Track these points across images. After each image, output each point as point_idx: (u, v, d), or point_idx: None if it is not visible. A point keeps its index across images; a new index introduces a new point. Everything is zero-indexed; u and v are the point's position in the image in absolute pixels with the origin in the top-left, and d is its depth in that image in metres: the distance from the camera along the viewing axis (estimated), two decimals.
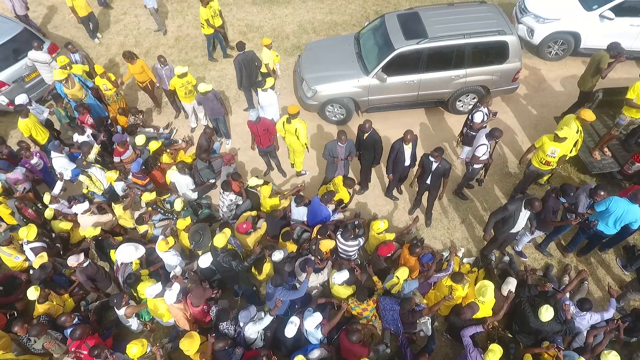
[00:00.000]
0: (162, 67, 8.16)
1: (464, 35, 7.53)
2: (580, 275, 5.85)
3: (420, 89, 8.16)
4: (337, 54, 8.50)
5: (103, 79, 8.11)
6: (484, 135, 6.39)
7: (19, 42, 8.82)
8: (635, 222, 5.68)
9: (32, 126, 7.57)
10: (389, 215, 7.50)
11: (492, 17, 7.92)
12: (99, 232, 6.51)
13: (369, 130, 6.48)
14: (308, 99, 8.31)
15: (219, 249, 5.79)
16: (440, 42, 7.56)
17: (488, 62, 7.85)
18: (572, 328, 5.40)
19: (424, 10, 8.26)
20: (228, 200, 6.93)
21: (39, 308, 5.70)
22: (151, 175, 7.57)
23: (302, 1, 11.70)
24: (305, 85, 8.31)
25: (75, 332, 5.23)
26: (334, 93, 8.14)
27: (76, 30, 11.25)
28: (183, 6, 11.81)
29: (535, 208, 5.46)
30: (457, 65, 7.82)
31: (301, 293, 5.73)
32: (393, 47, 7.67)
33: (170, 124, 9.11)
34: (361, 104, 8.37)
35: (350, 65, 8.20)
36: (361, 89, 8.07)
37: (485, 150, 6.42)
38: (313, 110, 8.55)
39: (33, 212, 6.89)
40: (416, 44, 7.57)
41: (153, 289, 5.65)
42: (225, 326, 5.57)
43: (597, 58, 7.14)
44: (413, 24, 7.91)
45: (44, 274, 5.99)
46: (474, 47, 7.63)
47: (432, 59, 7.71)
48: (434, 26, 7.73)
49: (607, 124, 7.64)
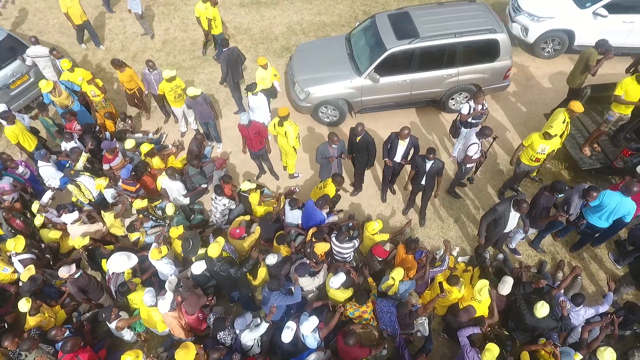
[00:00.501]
0: (150, 72, 8.05)
1: (455, 34, 7.55)
2: (574, 271, 5.90)
3: (413, 89, 8.17)
4: (328, 55, 8.47)
5: (91, 85, 7.98)
6: (475, 134, 6.41)
7: (3, 49, 8.64)
8: (628, 214, 5.78)
9: (19, 133, 7.41)
10: (383, 216, 7.50)
11: (482, 16, 7.95)
12: (88, 242, 6.41)
13: (362, 133, 6.46)
14: (301, 101, 8.27)
15: (214, 258, 5.71)
16: (431, 41, 7.58)
17: (479, 60, 7.90)
18: (568, 324, 5.43)
19: (414, 10, 8.27)
20: (221, 205, 6.85)
21: (30, 321, 5.58)
22: (141, 181, 7.45)
23: (290, 2, 11.66)
24: (297, 87, 8.26)
25: (66, 345, 5.10)
26: (326, 94, 8.11)
27: (60, 36, 11.08)
28: (170, 9, 11.69)
29: (522, 210, 5.51)
30: (448, 64, 7.84)
31: (297, 298, 5.69)
32: (385, 47, 7.66)
33: (160, 129, 9.01)
34: (354, 105, 8.35)
35: (342, 66, 8.17)
36: (354, 90, 8.05)
37: (477, 150, 6.44)
38: (306, 112, 8.50)
39: (21, 223, 6.74)
40: (408, 44, 7.58)
41: (149, 297, 5.58)
42: (223, 335, 5.51)
43: (585, 55, 7.20)
44: (404, 24, 7.92)
45: (34, 286, 5.86)
46: (465, 45, 7.66)
47: (424, 58, 7.73)
48: (425, 25, 7.74)
49: (595, 120, 7.72)
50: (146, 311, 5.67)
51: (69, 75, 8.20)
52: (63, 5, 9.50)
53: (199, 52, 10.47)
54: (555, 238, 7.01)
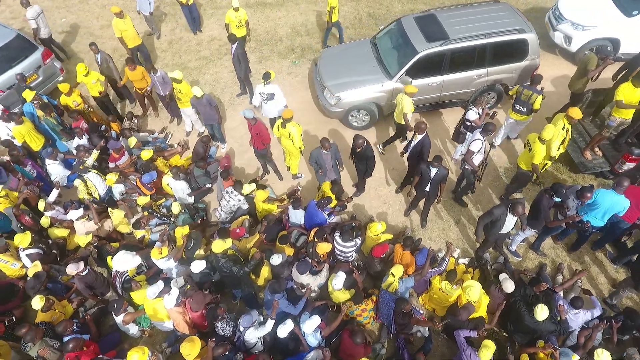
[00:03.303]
0: (153, 75, 8.17)
1: (485, 35, 7.61)
2: (580, 274, 5.98)
3: (443, 90, 8.21)
4: (355, 59, 8.47)
5: (70, 97, 8.04)
6: (478, 132, 6.48)
7: (13, 49, 8.78)
8: (623, 211, 5.86)
9: (25, 133, 7.54)
10: (385, 217, 7.57)
11: (509, 16, 8.01)
12: (90, 239, 6.52)
13: (361, 146, 6.51)
14: (332, 106, 8.27)
15: (218, 254, 5.81)
16: (462, 42, 7.63)
17: (508, 60, 7.95)
18: (566, 328, 5.50)
19: (440, 12, 8.31)
20: (235, 200, 6.88)
21: (41, 316, 5.69)
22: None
23: (295, 3, 11.75)
24: (327, 93, 8.24)
25: (68, 345, 5.16)
26: (358, 99, 8.12)
27: (67, 35, 11.22)
28: (176, 9, 11.80)
29: (517, 213, 5.59)
30: (478, 64, 7.90)
31: (296, 311, 5.74)
32: (416, 50, 7.69)
33: (165, 128, 9.13)
34: (384, 108, 8.37)
35: (371, 70, 8.19)
36: (385, 94, 8.07)
37: (481, 146, 6.48)
38: (336, 117, 8.53)
39: (30, 219, 6.88)
40: (439, 46, 7.61)
41: (153, 289, 5.67)
42: (221, 326, 5.60)
43: (585, 60, 7.25)
44: (432, 26, 7.96)
45: (39, 283, 5.98)
46: (496, 46, 7.72)
47: (454, 59, 7.78)
48: (453, 27, 7.80)
49: (597, 124, 7.78)
50: (151, 306, 5.78)
51: (84, 79, 8.26)
52: (117, 30, 9.23)
53: (204, 53, 10.59)
54: (555, 241, 7.07)
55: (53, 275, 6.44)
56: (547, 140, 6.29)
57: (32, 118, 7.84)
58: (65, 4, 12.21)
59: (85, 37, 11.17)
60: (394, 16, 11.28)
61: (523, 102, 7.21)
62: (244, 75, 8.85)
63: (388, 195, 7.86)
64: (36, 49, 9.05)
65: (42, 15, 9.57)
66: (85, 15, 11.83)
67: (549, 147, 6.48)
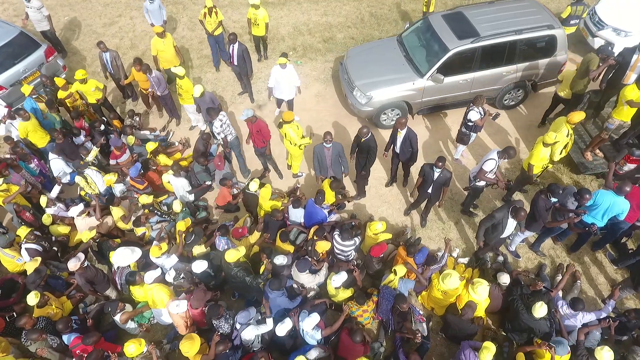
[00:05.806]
0: (149, 75, 8.16)
1: (515, 31, 7.64)
2: (569, 269, 5.99)
3: (473, 87, 8.23)
4: (383, 58, 8.48)
5: (67, 91, 8.05)
6: (496, 152, 6.34)
7: (16, 46, 8.82)
8: (622, 213, 5.87)
9: (31, 129, 7.55)
10: (385, 216, 7.58)
11: (537, 12, 8.04)
12: (94, 234, 6.55)
13: (366, 135, 6.53)
14: (362, 105, 8.26)
15: (231, 263, 5.83)
16: (493, 39, 7.66)
17: (537, 56, 7.99)
18: (560, 331, 5.55)
19: (467, 10, 8.34)
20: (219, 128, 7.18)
21: (38, 312, 5.71)
22: (148, 178, 7.61)
23: (297, 3, 11.76)
24: (357, 92, 8.24)
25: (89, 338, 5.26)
26: (389, 97, 8.12)
27: (71, 34, 11.27)
28: (179, 8, 11.84)
29: (519, 217, 5.59)
30: (508, 61, 7.93)
31: (293, 305, 5.77)
32: (447, 48, 7.70)
33: (167, 126, 9.16)
34: (414, 106, 8.38)
35: (401, 68, 8.20)
36: (416, 92, 8.09)
37: (494, 167, 6.36)
38: (367, 116, 8.52)
39: (31, 216, 6.91)
40: (470, 43, 7.63)
41: (151, 274, 5.73)
42: (219, 324, 5.62)
43: (586, 60, 7.24)
44: (461, 24, 7.99)
45: (39, 278, 6.00)
46: (526, 42, 7.76)
47: (485, 56, 7.81)
48: (483, 24, 7.83)
49: (597, 124, 7.77)
50: (150, 297, 5.80)
51: (81, 87, 8.20)
52: (154, 49, 8.69)
53: (206, 51, 10.59)
54: (555, 242, 7.06)
55: (52, 271, 6.46)
56: (549, 144, 6.29)
57: (35, 113, 7.87)
58: (69, 1, 12.24)
59: (88, 35, 11.21)
60: (396, 15, 11.30)
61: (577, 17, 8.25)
62: (251, 72, 8.82)
63: (388, 194, 7.87)
64: (39, 46, 9.09)
65: (43, 9, 9.59)
66: (87, 14, 11.87)
67: (552, 152, 6.49)
